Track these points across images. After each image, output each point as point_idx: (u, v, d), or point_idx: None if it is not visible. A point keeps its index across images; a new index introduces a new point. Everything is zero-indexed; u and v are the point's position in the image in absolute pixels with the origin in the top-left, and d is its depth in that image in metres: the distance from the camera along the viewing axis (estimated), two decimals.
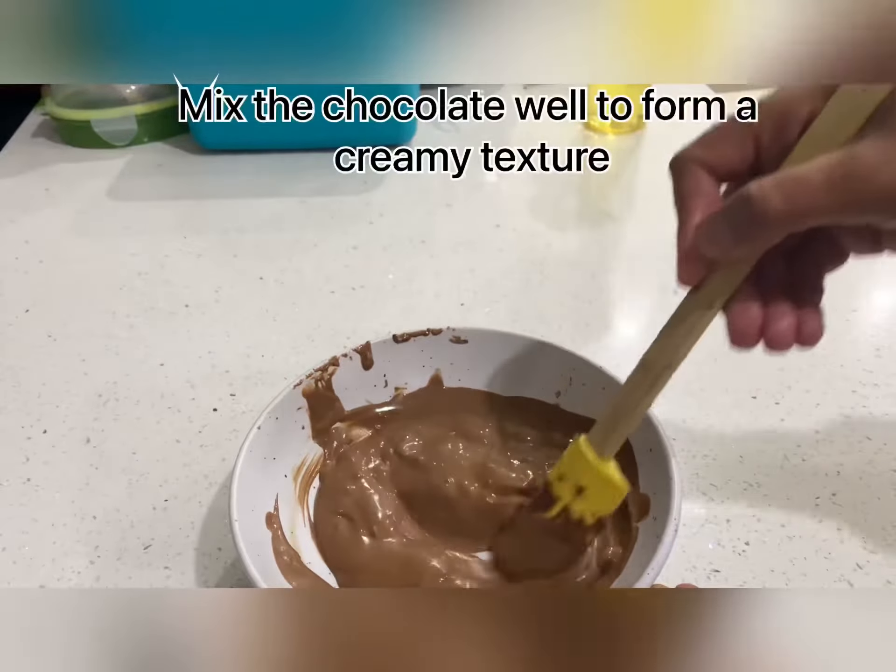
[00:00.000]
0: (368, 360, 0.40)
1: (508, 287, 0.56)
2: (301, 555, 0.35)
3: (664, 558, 0.29)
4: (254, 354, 0.50)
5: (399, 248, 0.61)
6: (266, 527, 0.34)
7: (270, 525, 0.34)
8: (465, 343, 0.41)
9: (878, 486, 0.39)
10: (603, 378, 0.38)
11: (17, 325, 0.53)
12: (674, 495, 0.31)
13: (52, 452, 0.43)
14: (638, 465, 0.36)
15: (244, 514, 0.32)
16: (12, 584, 0.36)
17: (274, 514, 0.35)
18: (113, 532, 0.38)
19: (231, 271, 0.59)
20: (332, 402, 0.40)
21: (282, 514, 0.35)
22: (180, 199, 0.70)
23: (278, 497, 0.36)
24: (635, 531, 0.34)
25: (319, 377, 0.39)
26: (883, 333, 0.50)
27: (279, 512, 0.35)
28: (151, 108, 0.77)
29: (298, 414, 0.38)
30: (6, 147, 0.79)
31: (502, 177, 0.73)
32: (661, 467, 0.33)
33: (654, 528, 0.32)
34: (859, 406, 0.44)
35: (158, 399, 0.46)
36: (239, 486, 0.33)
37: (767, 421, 0.43)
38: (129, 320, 0.54)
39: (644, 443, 0.35)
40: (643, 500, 0.34)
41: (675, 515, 0.31)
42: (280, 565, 0.32)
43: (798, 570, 0.35)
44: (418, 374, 0.42)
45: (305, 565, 0.34)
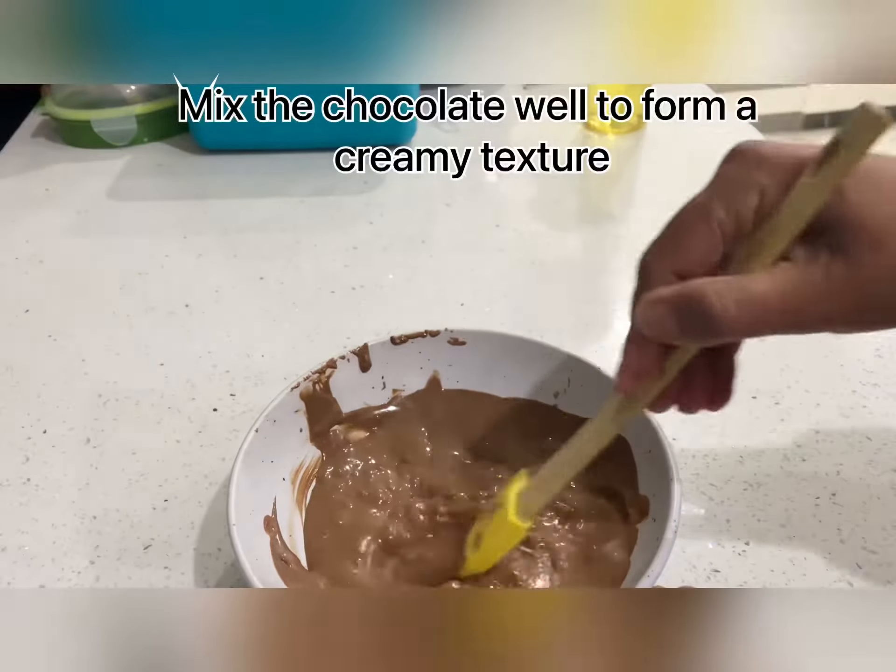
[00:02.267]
0: (366, 362, 0.40)
1: (508, 287, 0.56)
2: (300, 558, 0.34)
3: (664, 560, 0.29)
4: (254, 354, 0.50)
5: (399, 248, 0.61)
6: (265, 530, 0.34)
7: (269, 529, 0.34)
8: (464, 345, 0.41)
9: (878, 486, 0.39)
10: (601, 379, 0.38)
11: (17, 325, 0.53)
12: (673, 496, 0.31)
13: (52, 452, 0.43)
14: (637, 466, 0.36)
15: (242, 518, 0.32)
16: (12, 584, 0.36)
17: (272, 517, 0.35)
18: (113, 532, 0.38)
19: (231, 271, 0.59)
20: (329, 405, 0.40)
21: (280, 517, 0.35)
22: (180, 199, 0.69)
23: (276, 500, 0.35)
24: (635, 533, 0.33)
25: (317, 379, 0.39)
26: (883, 333, 0.50)
27: (277, 515, 0.35)
28: (151, 108, 0.77)
29: (296, 416, 0.38)
30: (6, 147, 0.79)
31: (502, 177, 0.73)
32: (660, 468, 0.33)
33: (653, 530, 0.32)
34: (859, 406, 0.44)
35: (158, 399, 0.46)
36: (237, 489, 0.33)
37: (767, 421, 0.43)
38: (129, 320, 0.54)
39: (643, 444, 0.35)
40: (642, 501, 0.34)
41: (675, 517, 0.31)
42: (279, 569, 0.32)
43: (798, 570, 0.35)
44: (416, 376, 0.42)
45: (304, 569, 0.34)
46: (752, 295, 0.24)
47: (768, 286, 0.24)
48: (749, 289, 0.24)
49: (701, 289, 0.25)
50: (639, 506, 0.34)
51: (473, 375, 0.41)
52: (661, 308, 0.26)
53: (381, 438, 0.41)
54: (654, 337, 0.27)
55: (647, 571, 0.29)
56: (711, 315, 0.24)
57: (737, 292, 0.24)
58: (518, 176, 0.72)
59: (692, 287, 0.25)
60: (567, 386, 0.40)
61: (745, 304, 0.24)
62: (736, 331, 0.24)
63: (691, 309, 0.25)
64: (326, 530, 0.36)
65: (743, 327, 0.24)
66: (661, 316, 0.26)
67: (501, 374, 0.41)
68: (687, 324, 0.25)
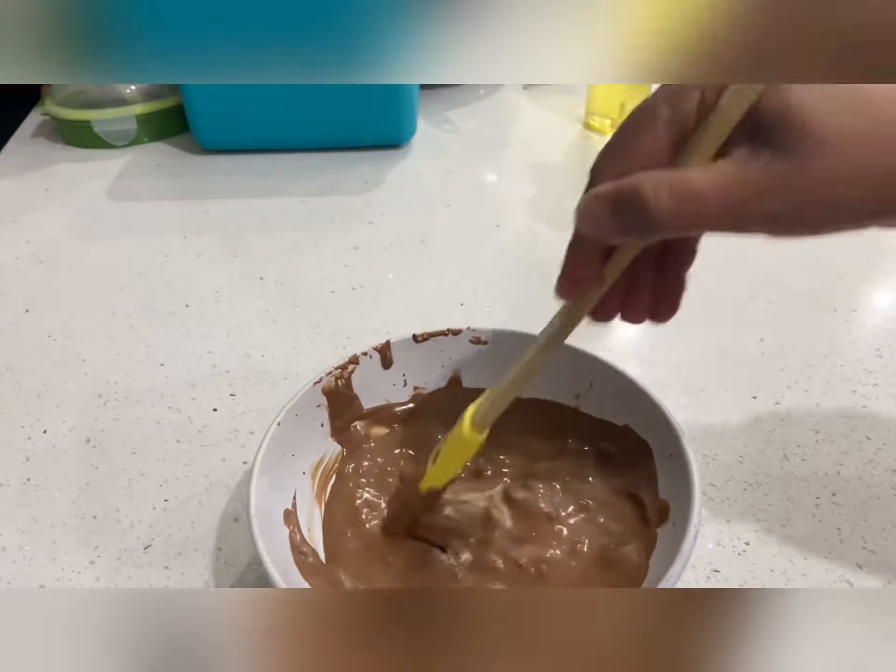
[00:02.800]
0: (388, 360, 0.41)
1: (508, 287, 0.56)
2: (319, 552, 0.35)
3: (684, 564, 0.29)
4: (254, 354, 0.50)
5: (399, 248, 0.61)
6: (284, 524, 0.34)
7: (288, 522, 0.34)
8: (485, 344, 0.41)
9: (878, 486, 0.39)
10: (624, 382, 0.37)
11: (17, 325, 0.53)
12: (694, 501, 0.31)
13: (52, 452, 0.43)
14: (657, 471, 0.35)
15: (262, 511, 0.32)
16: (12, 584, 0.36)
17: (292, 510, 0.35)
18: (113, 532, 0.38)
19: (231, 271, 0.59)
20: (351, 401, 0.40)
21: (300, 511, 0.35)
22: (180, 199, 0.70)
23: (296, 494, 0.36)
24: (654, 537, 0.33)
25: (339, 375, 0.39)
26: (883, 333, 0.50)
27: (297, 509, 0.35)
28: (151, 108, 0.77)
29: (318, 411, 0.38)
30: (6, 147, 0.79)
31: (502, 177, 0.73)
32: (681, 473, 0.33)
33: (673, 535, 0.32)
34: (859, 406, 0.44)
35: (158, 399, 0.46)
36: (258, 482, 0.33)
37: (767, 421, 0.43)
38: (129, 320, 0.54)
39: (664, 448, 0.35)
40: (663, 505, 0.34)
41: (696, 521, 0.31)
42: (298, 563, 0.32)
43: (798, 570, 0.35)
44: (437, 374, 0.42)
45: (322, 562, 0.34)
46: (687, 187, 0.24)
47: (705, 180, 0.24)
48: (685, 180, 0.24)
49: (636, 182, 0.24)
50: (659, 510, 0.34)
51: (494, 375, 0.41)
52: (599, 204, 0.25)
53: (402, 436, 0.41)
54: (593, 234, 0.27)
55: (666, 575, 0.29)
56: (646, 207, 0.24)
57: (672, 185, 0.24)
58: (518, 176, 0.72)
59: (628, 181, 0.25)
60: (589, 387, 0.40)
61: (679, 196, 0.24)
62: (670, 224, 0.24)
63: (626, 202, 0.25)
64: (345, 525, 0.36)
65: (677, 221, 0.24)
66: (598, 211, 0.26)
67: None
68: (623, 219, 0.25)
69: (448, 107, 0.85)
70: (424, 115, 0.82)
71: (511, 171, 0.74)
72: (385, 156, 0.75)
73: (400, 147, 0.76)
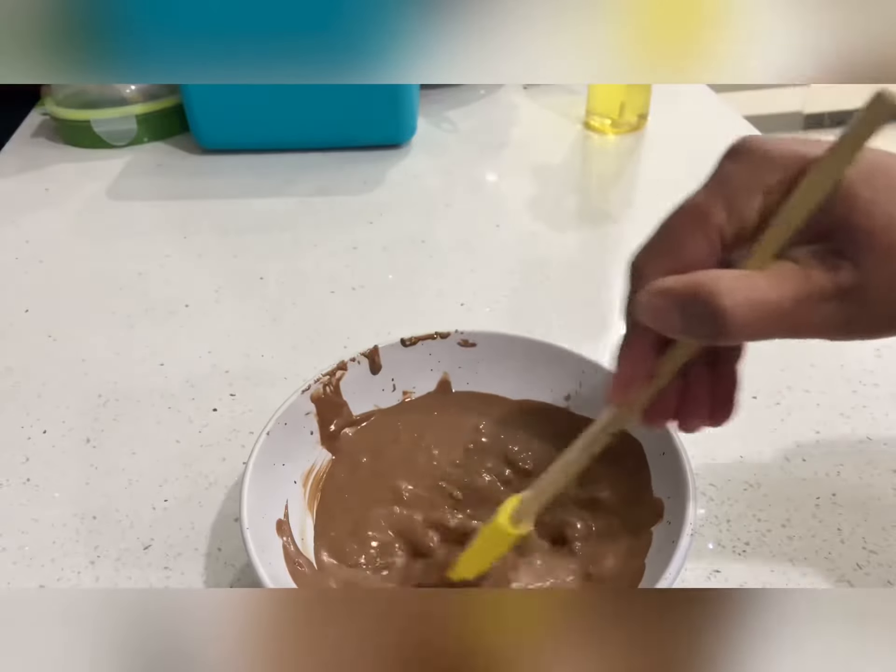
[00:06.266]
0: (376, 364, 0.40)
1: (508, 287, 0.56)
2: (313, 562, 0.34)
3: (681, 563, 0.29)
4: (254, 354, 0.50)
5: (399, 248, 0.61)
6: (277, 534, 0.33)
7: (282, 532, 0.34)
8: (474, 346, 0.41)
9: (878, 486, 0.39)
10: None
11: (17, 325, 0.53)
12: (688, 498, 0.31)
13: (52, 452, 0.43)
14: (650, 469, 0.35)
15: (255, 522, 0.32)
16: (12, 584, 0.36)
17: (284, 520, 0.34)
18: (113, 532, 0.38)
19: (231, 271, 0.59)
20: (340, 407, 0.39)
21: (292, 520, 0.35)
22: (180, 199, 0.69)
23: (288, 503, 0.35)
24: (649, 536, 0.33)
25: (328, 382, 0.39)
26: None
27: (289, 518, 0.35)
28: (151, 108, 0.77)
29: (307, 419, 0.38)
30: (6, 147, 0.79)
31: (502, 177, 0.73)
32: (674, 471, 0.33)
33: (668, 533, 0.32)
34: (859, 406, 0.44)
35: (158, 399, 0.46)
36: (249, 492, 0.32)
37: (767, 421, 0.43)
38: (129, 320, 0.54)
39: (656, 446, 0.35)
40: (657, 504, 0.34)
41: (691, 519, 0.30)
42: (292, 573, 0.32)
43: (798, 570, 0.35)
44: (426, 378, 0.41)
45: (316, 571, 0.34)
46: (764, 297, 0.23)
47: (782, 290, 0.23)
48: (758, 288, 0.23)
49: (712, 284, 0.23)
50: (653, 508, 0.34)
51: (484, 378, 0.41)
52: (667, 299, 0.24)
53: (392, 441, 0.40)
54: (655, 328, 0.25)
55: (663, 575, 0.29)
56: (722, 314, 0.22)
57: (749, 291, 0.23)
58: (518, 176, 0.72)
59: (702, 281, 0.23)
60: (579, 388, 0.40)
61: (756, 305, 0.23)
62: (743, 333, 0.23)
63: (698, 303, 0.23)
64: (338, 533, 0.36)
65: (751, 330, 0.23)
66: (665, 307, 0.24)
67: (512, 376, 0.41)
68: (692, 319, 0.23)
69: (448, 107, 0.85)
70: (424, 114, 0.82)
71: (511, 171, 0.74)
72: (385, 155, 0.75)
73: (400, 147, 0.76)
